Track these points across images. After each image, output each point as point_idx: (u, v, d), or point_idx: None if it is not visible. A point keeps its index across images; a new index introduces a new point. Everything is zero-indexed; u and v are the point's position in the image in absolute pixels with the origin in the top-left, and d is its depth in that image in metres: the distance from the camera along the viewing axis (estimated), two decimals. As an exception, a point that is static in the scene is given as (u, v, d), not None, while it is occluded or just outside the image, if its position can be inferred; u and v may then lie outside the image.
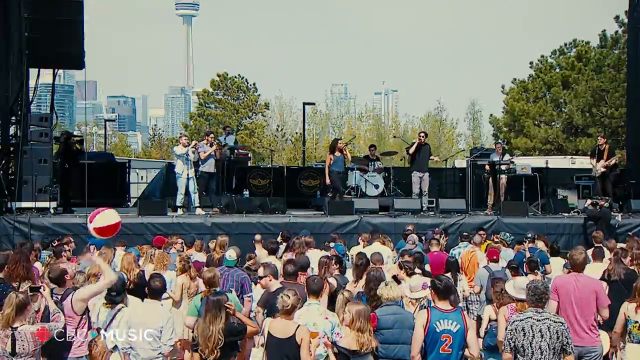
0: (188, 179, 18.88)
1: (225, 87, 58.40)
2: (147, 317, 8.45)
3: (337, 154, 20.09)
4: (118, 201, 23.64)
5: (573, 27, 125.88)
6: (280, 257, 14.49)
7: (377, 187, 22.16)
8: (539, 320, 7.55)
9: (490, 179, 21.03)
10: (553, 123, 42.92)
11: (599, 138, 21.81)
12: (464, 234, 15.49)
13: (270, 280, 10.37)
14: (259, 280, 11.04)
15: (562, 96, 42.50)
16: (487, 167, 21.25)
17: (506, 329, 7.85)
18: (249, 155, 28.00)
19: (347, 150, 20.70)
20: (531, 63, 46.40)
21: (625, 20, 39.23)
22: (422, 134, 21.59)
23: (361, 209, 19.34)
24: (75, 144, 19.75)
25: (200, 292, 10.40)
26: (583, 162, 32.24)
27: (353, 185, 22.29)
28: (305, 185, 25.31)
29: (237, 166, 23.40)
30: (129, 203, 25.69)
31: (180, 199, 19.06)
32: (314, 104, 58.13)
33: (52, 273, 9.86)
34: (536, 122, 43.72)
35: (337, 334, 8.36)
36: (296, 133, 62.52)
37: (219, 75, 58.55)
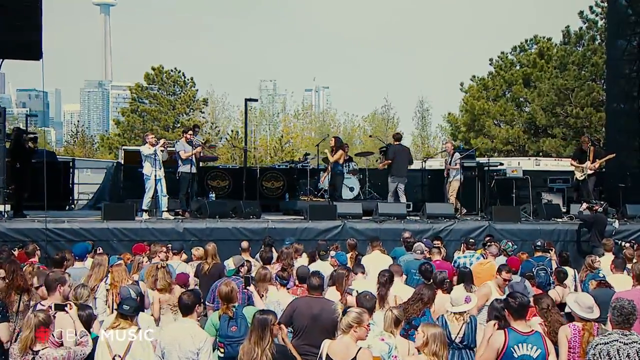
0: (156, 180, 18.08)
1: (160, 81, 57.20)
2: (181, 336, 7.93)
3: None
4: (61, 204, 22.79)
5: (534, 23, 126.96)
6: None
7: (352, 189, 21.77)
8: (626, 344, 7.11)
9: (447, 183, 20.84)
10: (514, 123, 43.04)
11: (582, 139, 21.71)
12: (471, 241, 15.14)
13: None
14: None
15: (524, 94, 42.69)
16: (445, 172, 20.99)
17: (587, 352, 7.41)
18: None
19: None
20: (491, 60, 46.64)
21: (590, 16, 39.82)
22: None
23: (343, 213, 18.83)
24: (28, 142, 18.76)
25: (218, 308, 9.76)
26: (547, 164, 32.38)
27: (326, 188, 21.80)
28: (267, 187, 24.84)
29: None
30: (73, 206, 24.80)
31: (147, 202, 18.26)
32: (256, 100, 57.53)
33: (50, 276, 9.06)
34: (496, 122, 43.85)
35: (395, 357, 7.85)
36: (231, 131, 61.85)
37: (153, 69, 57.26)
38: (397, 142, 21.13)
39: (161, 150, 18.35)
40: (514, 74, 44.07)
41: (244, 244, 14.82)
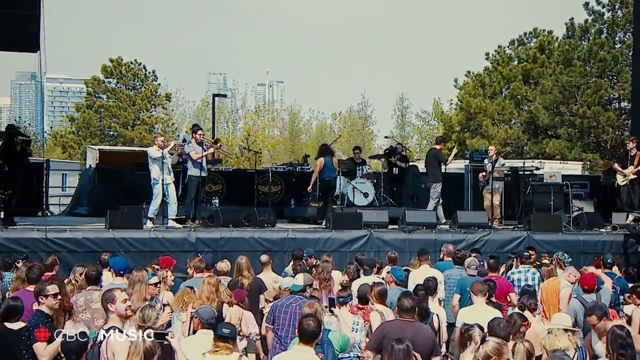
0: (165, 185, 17.57)
1: (119, 75, 56.31)
2: None
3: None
4: (34, 210, 22.15)
5: (533, 15, 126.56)
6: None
7: (366, 195, 21.38)
8: None
9: (485, 190, 20.49)
10: (513, 122, 43.01)
11: (628, 142, 21.35)
12: (525, 254, 14.75)
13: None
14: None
15: (524, 92, 42.66)
16: (481, 176, 20.61)
17: None
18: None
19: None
20: (487, 54, 46.62)
21: (596, 8, 39.91)
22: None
23: (368, 222, 18.47)
24: (22, 143, 18.09)
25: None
26: (552, 167, 32.38)
27: (337, 193, 21.41)
28: (264, 191, 24.35)
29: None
30: (47, 212, 24.12)
31: (154, 209, 17.74)
32: (225, 95, 57.21)
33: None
34: (493, 121, 43.71)
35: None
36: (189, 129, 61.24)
37: (111, 61, 56.38)
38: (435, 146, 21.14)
39: (170, 154, 17.85)
40: (512, 69, 44.12)
41: (264, 257, 14.27)
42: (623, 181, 20.40)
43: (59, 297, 9.10)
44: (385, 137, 53.74)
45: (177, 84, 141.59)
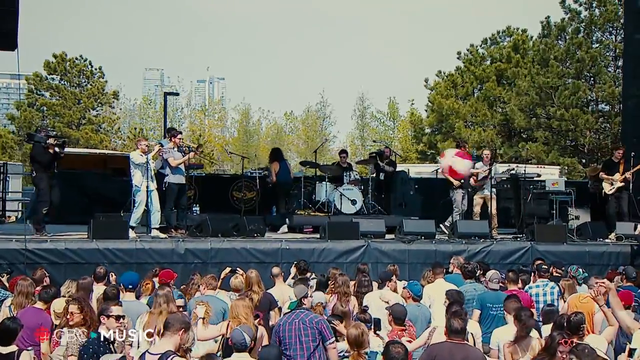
0: (148, 192, 17.20)
1: (63, 71, 55.41)
2: None
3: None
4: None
5: (507, 13, 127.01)
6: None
7: (354, 202, 21.18)
8: None
9: (477, 195, 20.45)
10: (486, 124, 43.12)
11: (614, 148, 21.52)
12: (543, 267, 14.59)
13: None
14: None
15: (497, 93, 42.81)
16: (472, 180, 20.55)
17: None
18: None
19: None
20: (459, 53, 46.75)
21: (573, 6, 40.21)
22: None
23: (364, 231, 18.33)
24: (55, 146, 17.43)
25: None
26: (531, 171, 32.52)
27: (324, 201, 21.21)
28: (238, 198, 24.03)
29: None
30: (4, 218, 23.63)
31: (137, 218, 17.38)
32: (177, 94, 56.69)
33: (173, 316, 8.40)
34: (466, 123, 43.82)
35: None
36: (135, 129, 60.73)
37: (55, 56, 55.41)
38: None
39: (153, 158, 17.49)
40: (485, 69, 44.28)
41: (275, 270, 14.08)
42: (610, 189, 20.43)
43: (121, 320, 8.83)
44: (374, 141, 53.24)
45: (114, 80, 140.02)
